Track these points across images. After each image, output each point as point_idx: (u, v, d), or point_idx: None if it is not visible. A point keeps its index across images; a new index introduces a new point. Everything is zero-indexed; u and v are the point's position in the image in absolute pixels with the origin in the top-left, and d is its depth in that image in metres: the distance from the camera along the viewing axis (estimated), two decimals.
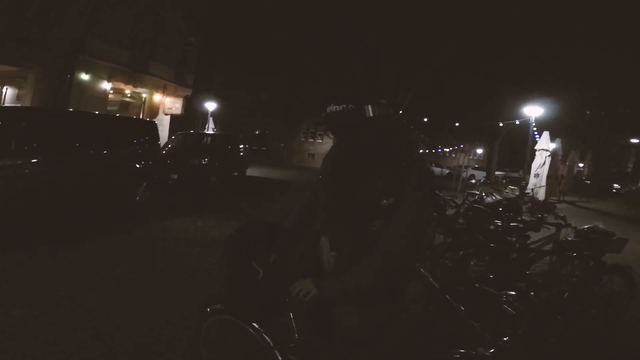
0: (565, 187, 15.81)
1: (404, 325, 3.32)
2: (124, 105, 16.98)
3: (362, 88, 1.41)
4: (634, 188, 20.81)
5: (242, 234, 1.87)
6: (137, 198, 6.73)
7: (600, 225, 3.68)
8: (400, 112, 13.05)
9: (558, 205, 12.31)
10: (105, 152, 6.01)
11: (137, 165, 6.71)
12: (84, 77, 13.75)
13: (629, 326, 3.50)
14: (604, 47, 14.11)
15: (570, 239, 3.81)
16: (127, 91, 16.41)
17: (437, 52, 11.52)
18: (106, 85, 14.77)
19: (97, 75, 14.30)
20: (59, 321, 2.77)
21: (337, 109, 1.37)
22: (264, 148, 26.99)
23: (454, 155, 46.23)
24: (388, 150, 1.41)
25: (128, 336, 2.66)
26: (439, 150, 49.52)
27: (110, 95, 15.44)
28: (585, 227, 3.68)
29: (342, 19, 12.01)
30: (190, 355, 2.44)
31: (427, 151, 47.74)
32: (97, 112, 7.67)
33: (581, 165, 25.87)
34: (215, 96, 21.42)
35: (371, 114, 1.35)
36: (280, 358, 1.77)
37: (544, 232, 4.02)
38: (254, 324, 1.82)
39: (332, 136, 1.48)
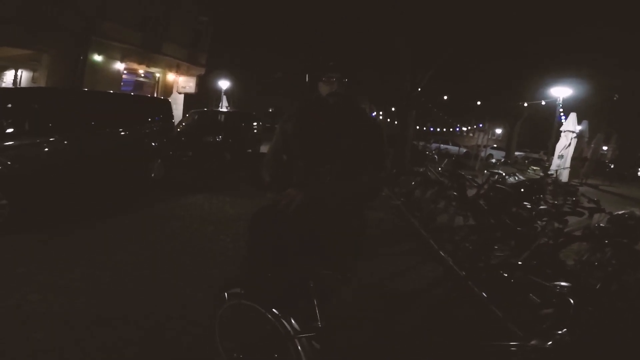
0: (588, 170, 15.28)
1: (424, 310, 3.22)
2: (138, 85, 16.94)
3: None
4: None
5: (270, 212, 1.76)
6: (152, 175, 6.74)
7: (637, 211, 3.45)
8: (419, 89, 12.52)
9: (580, 188, 11.89)
10: (120, 130, 5.98)
11: (152, 143, 6.68)
12: (97, 58, 13.72)
13: None
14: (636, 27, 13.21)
15: (602, 225, 3.60)
16: (141, 71, 16.34)
17: (459, 30, 10.88)
18: (119, 66, 14.73)
19: (110, 56, 14.24)
20: (73, 305, 2.73)
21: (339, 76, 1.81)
22: (277, 125, 26.84)
23: (471, 134, 45.18)
24: (357, 112, 1.91)
25: (140, 320, 2.60)
26: (457, 129, 48.56)
27: (124, 75, 15.41)
28: (621, 212, 3.46)
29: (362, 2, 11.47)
30: (204, 342, 2.37)
31: (444, 130, 46.75)
32: (111, 91, 7.64)
33: (605, 148, 24.84)
34: (229, 74, 21.15)
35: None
36: (299, 347, 1.64)
37: (574, 217, 3.79)
38: (274, 310, 1.70)
39: (326, 86, 1.83)
